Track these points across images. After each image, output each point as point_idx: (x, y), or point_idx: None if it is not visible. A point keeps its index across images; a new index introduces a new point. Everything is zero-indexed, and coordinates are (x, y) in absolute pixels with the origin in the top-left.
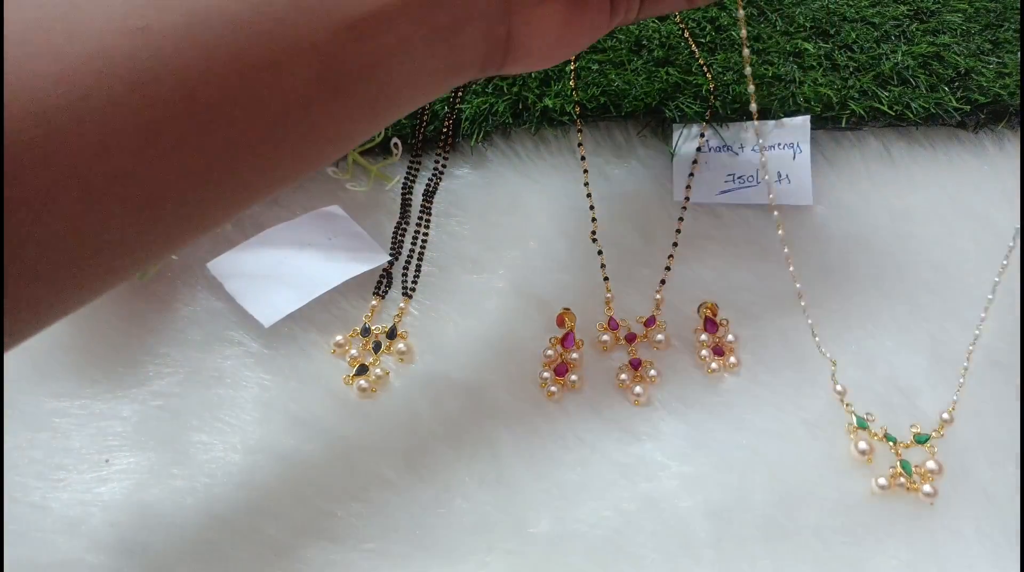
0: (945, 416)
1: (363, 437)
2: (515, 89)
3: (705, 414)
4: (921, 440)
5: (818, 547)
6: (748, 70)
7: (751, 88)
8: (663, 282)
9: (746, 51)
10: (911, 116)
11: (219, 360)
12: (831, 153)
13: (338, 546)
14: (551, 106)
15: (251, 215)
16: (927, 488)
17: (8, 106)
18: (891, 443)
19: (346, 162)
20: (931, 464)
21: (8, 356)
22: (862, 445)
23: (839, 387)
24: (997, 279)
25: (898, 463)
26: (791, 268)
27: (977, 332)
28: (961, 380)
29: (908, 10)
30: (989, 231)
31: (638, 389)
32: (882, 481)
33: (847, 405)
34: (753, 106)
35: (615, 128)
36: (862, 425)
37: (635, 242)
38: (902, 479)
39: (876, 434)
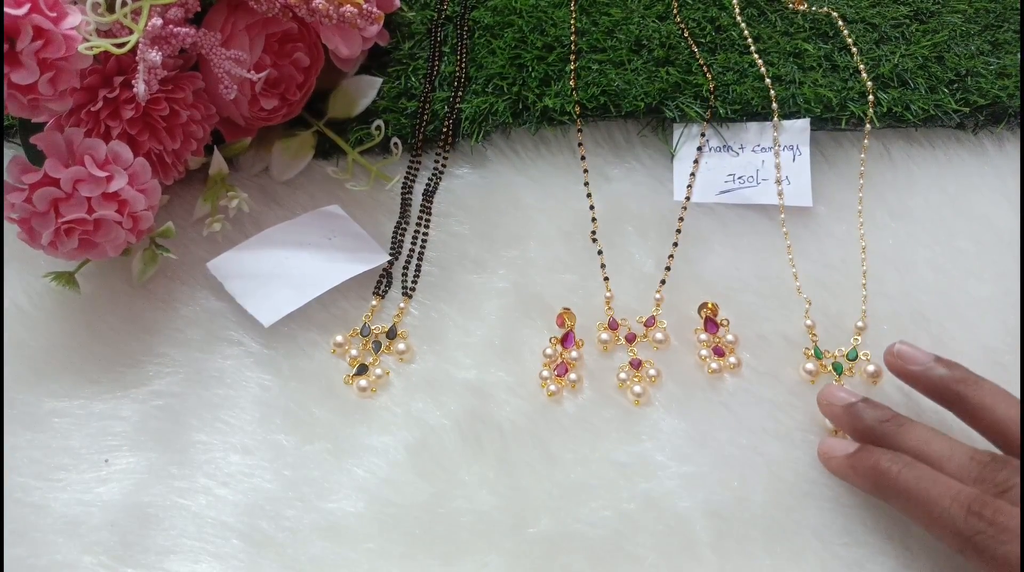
0: (859, 324)
1: (363, 437)
2: (515, 89)
3: (705, 414)
4: (852, 356)
5: (818, 547)
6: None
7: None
8: (663, 282)
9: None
10: (910, 118)
11: (219, 360)
12: (831, 153)
13: (338, 546)
14: (551, 106)
15: (251, 215)
16: None
17: None
18: (837, 373)
19: (346, 162)
20: (871, 368)
21: (8, 356)
22: (809, 366)
23: (809, 321)
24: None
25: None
26: (794, 269)
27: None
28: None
29: (908, 11)
30: (989, 231)
31: (638, 389)
32: (810, 366)
33: (814, 336)
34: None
35: (615, 128)
36: (818, 356)
37: (635, 242)
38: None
39: (825, 366)
